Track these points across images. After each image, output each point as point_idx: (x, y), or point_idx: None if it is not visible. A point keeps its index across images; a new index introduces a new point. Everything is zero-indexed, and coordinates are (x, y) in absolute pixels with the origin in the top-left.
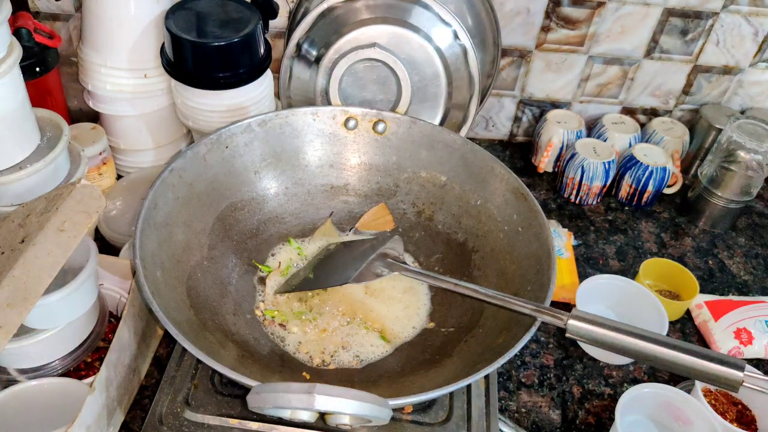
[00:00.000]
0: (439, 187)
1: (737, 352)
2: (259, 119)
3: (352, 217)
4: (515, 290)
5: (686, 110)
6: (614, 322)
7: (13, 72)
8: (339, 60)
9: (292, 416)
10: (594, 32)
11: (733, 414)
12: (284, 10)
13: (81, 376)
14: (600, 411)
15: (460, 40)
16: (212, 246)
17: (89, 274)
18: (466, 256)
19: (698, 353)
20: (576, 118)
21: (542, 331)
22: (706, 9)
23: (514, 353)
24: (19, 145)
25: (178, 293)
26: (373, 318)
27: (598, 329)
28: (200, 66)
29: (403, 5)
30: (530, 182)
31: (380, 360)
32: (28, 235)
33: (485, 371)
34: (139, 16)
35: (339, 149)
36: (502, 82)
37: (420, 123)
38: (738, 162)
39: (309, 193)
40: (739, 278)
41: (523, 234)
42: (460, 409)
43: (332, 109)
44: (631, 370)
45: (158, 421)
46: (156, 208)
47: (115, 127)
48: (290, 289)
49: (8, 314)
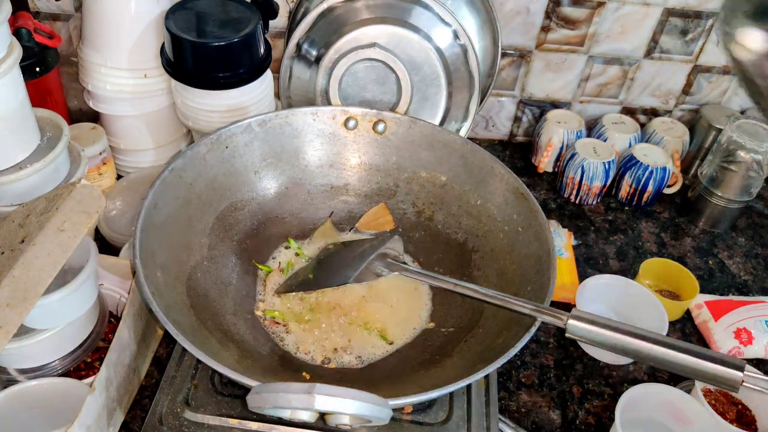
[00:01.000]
0: (439, 187)
1: (737, 352)
2: (259, 119)
3: (352, 217)
4: (515, 290)
5: (686, 110)
6: (614, 322)
7: (13, 72)
8: (339, 60)
9: (292, 416)
10: (594, 32)
11: (733, 414)
12: (284, 10)
13: (81, 376)
14: (600, 411)
15: (460, 40)
16: (212, 246)
17: (89, 274)
18: (466, 256)
19: (698, 353)
20: (576, 118)
21: (542, 331)
22: (706, 9)
23: (514, 353)
24: (19, 145)
25: (178, 293)
26: (373, 318)
27: (598, 329)
28: (200, 66)
29: (403, 5)
30: (530, 182)
31: (380, 360)
32: (28, 235)
33: (485, 371)
34: (139, 16)
35: (339, 149)
36: (502, 82)
37: (420, 123)
38: (738, 162)
39: (309, 193)
40: (739, 278)
41: (523, 234)
42: (460, 409)
43: (332, 109)
44: (631, 370)
45: (158, 421)
46: (156, 208)
47: (115, 127)
48: (290, 290)
49: (8, 314)
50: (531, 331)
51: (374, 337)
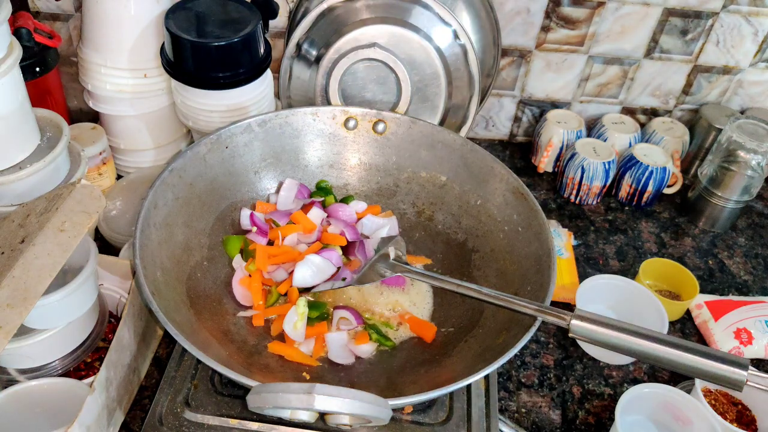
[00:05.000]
0: (439, 187)
1: (737, 352)
2: (259, 119)
3: None
4: (515, 290)
5: (686, 110)
6: (617, 321)
7: (13, 72)
8: (339, 60)
9: (292, 416)
10: (594, 32)
11: (733, 414)
12: (284, 10)
13: (81, 376)
14: (600, 411)
15: (460, 40)
16: (212, 246)
17: (89, 274)
18: (466, 256)
19: (702, 352)
20: (576, 118)
21: (542, 331)
22: (706, 9)
23: (514, 353)
24: (19, 145)
25: (178, 293)
26: (373, 318)
27: (602, 329)
28: (200, 66)
29: (403, 5)
30: (530, 182)
31: (380, 360)
32: (28, 235)
33: (485, 371)
34: (139, 16)
35: (339, 149)
36: (502, 82)
37: (420, 123)
38: (738, 162)
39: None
40: (739, 278)
41: (523, 234)
42: (460, 409)
43: (332, 109)
44: (631, 370)
45: (158, 421)
46: (156, 208)
47: (115, 127)
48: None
49: (8, 314)
50: (531, 331)
51: (375, 336)
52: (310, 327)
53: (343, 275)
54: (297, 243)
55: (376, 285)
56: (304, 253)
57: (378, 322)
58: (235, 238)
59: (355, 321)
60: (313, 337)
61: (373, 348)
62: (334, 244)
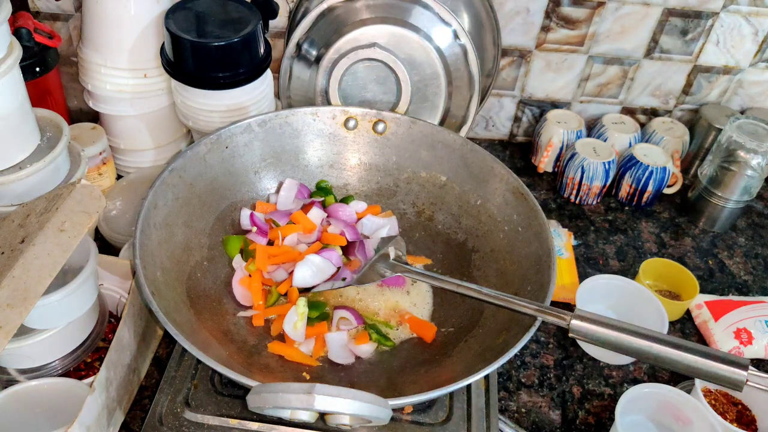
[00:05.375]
0: (439, 187)
1: (737, 352)
2: (259, 119)
3: None
4: (515, 290)
5: (686, 110)
6: (617, 321)
7: (13, 72)
8: (339, 60)
9: (292, 416)
10: (594, 32)
11: (733, 414)
12: (284, 10)
13: (81, 376)
14: (600, 411)
15: (460, 40)
16: (212, 246)
17: (89, 274)
18: (466, 256)
19: (703, 352)
20: (576, 118)
21: (542, 331)
22: (706, 9)
23: (514, 353)
24: (19, 145)
25: (178, 293)
26: (373, 318)
27: (602, 329)
28: (200, 66)
29: (403, 5)
30: (530, 182)
31: (380, 360)
32: (28, 235)
33: (485, 371)
34: (139, 16)
35: (339, 149)
36: (502, 82)
37: (420, 123)
38: (738, 162)
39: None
40: (739, 278)
41: (523, 234)
42: (460, 409)
43: (332, 109)
44: (631, 370)
45: (158, 421)
46: (156, 208)
47: (115, 127)
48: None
49: (8, 314)
50: (531, 331)
51: (375, 336)
52: (310, 327)
53: (343, 275)
54: (297, 243)
55: (376, 285)
56: (304, 253)
57: (378, 322)
58: (235, 238)
59: (355, 321)
60: (313, 337)
61: (373, 348)
62: (334, 244)
